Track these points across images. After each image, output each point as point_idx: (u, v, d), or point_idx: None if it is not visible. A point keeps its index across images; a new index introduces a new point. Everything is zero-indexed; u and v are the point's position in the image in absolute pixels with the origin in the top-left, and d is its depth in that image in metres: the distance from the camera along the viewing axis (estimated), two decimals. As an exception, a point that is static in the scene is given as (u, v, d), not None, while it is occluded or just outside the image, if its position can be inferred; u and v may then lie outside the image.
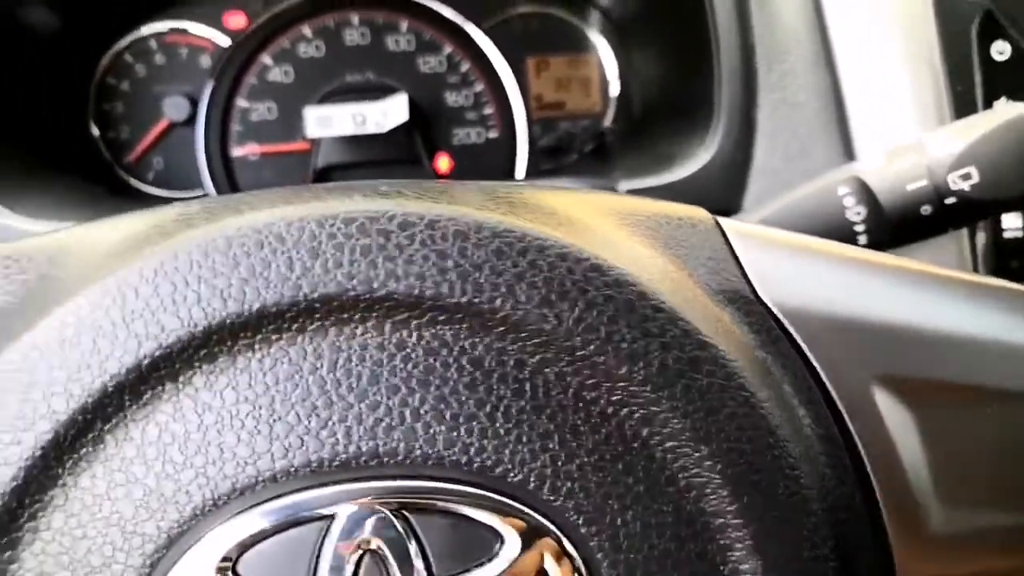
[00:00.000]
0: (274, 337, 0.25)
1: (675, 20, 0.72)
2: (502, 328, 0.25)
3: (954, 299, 0.31)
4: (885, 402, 0.29)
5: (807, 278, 0.30)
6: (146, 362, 0.24)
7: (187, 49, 0.77)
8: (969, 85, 0.61)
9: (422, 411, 0.25)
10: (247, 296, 0.24)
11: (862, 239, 0.50)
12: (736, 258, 0.30)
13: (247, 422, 0.24)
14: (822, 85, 0.64)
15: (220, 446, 0.24)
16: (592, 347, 0.25)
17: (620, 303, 0.25)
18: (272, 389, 0.25)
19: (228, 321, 0.24)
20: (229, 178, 0.76)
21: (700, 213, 0.31)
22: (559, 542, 0.25)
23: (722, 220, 0.32)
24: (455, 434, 0.25)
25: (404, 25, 0.79)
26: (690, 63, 0.70)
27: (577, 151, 0.80)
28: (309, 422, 0.24)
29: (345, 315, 0.25)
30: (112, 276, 0.25)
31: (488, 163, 0.79)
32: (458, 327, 0.25)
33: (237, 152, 0.77)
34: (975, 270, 0.61)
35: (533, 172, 0.80)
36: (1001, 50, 0.62)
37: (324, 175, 0.76)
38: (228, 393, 0.25)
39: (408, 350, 0.25)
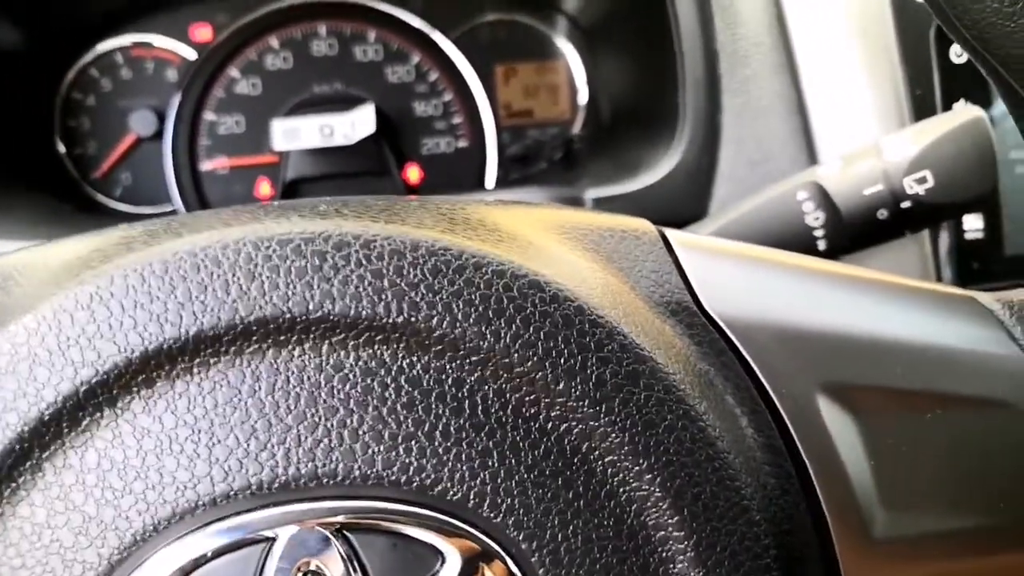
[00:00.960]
0: (212, 360, 0.25)
1: (640, 27, 0.73)
2: (439, 347, 0.25)
3: (895, 306, 0.32)
4: (829, 410, 0.29)
5: (752, 288, 0.31)
6: (83, 389, 0.24)
7: (153, 63, 0.77)
8: (929, 88, 0.62)
9: (361, 431, 0.25)
10: (184, 320, 0.24)
11: (821, 244, 0.51)
12: (681, 270, 0.30)
13: (186, 446, 0.24)
14: (785, 90, 0.64)
15: (160, 471, 0.24)
16: (530, 363, 0.25)
17: (557, 319, 0.25)
18: (211, 412, 0.25)
19: (165, 346, 0.24)
20: (198, 192, 0.76)
21: (645, 225, 0.31)
22: (500, 559, 0.25)
23: (668, 231, 0.32)
24: (394, 454, 0.25)
25: (372, 35, 0.79)
26: (655, 70, 0.71)
27: (546, 159, 0.80)
28: (248, 445, 0.24)
29: (282, 337, 0.25)
30: (48, 302, 0.25)
31: (458, 172, 0.79)
32: (395, 347, 0.25)
33: (206, 166, 0.77)
34: (938, 271, 0.61)
35: (503, 181, 0.80)
36: (959, 53, 0.62)
37: (293, 188, 0.76)
38: (167, 417, 0.25)
39: (346, 371, 0.25)
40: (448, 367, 0.25)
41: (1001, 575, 0.31)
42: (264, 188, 0.78)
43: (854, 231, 0.49)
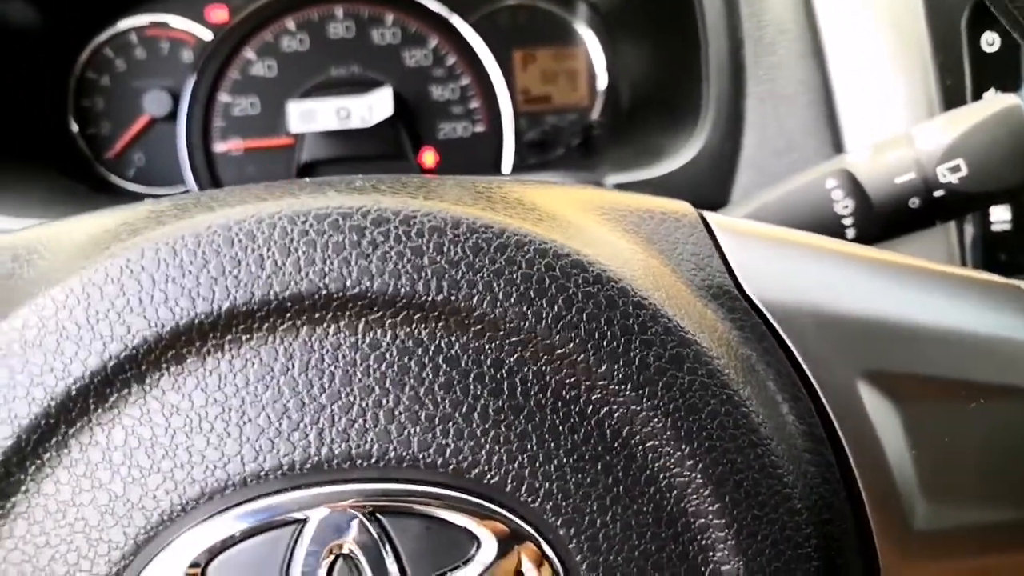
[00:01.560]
0: (244, 337, 0.24)
1: (662, 12, 0.71)
2: (479, 326, 0.24)
3: (940, 294, 0.31)
4: (870, 398, 0.28)
5: (793, 273, 0.30)
6: (111, 364, 0.23)
7: (168, 43, 0.76)
8: (959, 76, 0.61)
9: (396, 412, 0.24)
10: (216, 295, 0.24)
11: (850, 232, 0.50)
12: (721, 253, 0.29)
13: (216, 425, 0.24)
14: (811, 78, 0.63)
15: (188, 449, 0.24)
16: (571, 345, 0.24)
17: (600, 300, 0.25)
18: (242, 391, 0.24)
19: (197, 321, 0.24)
20: (211, 174, 0.75)
21: (685, 208, 0.31)
22: (537, 544, 0.24)
23: (707, 214, 0.31)
24: (430, 435, 0.24)
25: (389, 18, 0.78)
26: (678, 56, 0.70)
27: (564, 145, 0.80)
28: (280, 424, 0.24)
29: (318, 314, 0.24)
30: (77, 275, 0.24)
31: (474, 157, 0.78)
32: (434, 326, 0.24)
33: (220, 148, 0.76)
34: (964, 263, 0.60)
35: (520, 166, 0.79)
36: (991, 41, 0.61)
37: (308, 170, 0.75)
38: (197, 395, 0.24)
39: (382, 350, 0.24)
40: (488, 347, 0.24)
41: (1043, 570, 0.30)
42: (278, 171, 0.77)
43: (884, 220, 0.49)
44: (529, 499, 0.24)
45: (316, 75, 0.77)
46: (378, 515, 0.24)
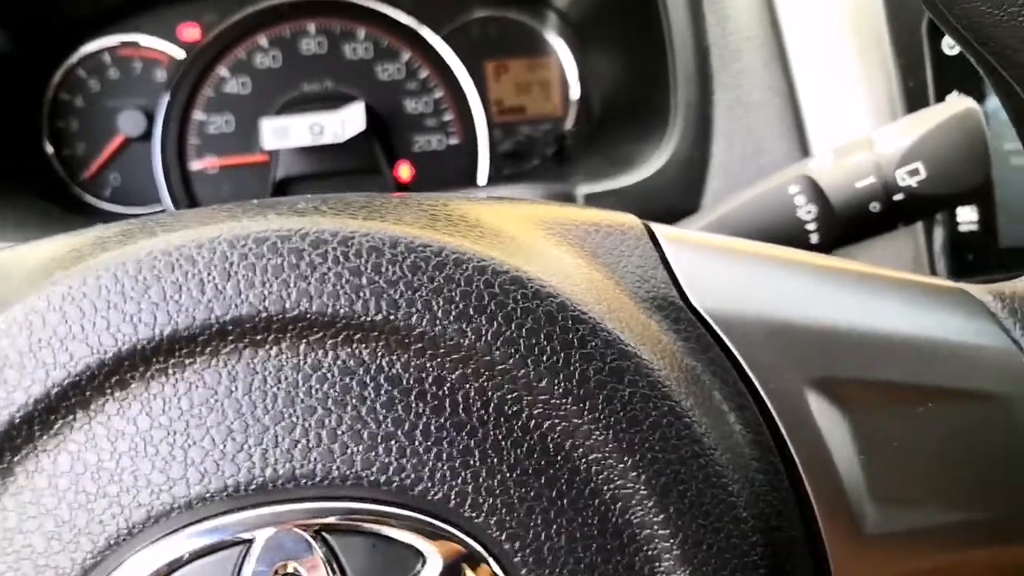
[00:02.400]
0: (187, 361, 0.24)
1: (630, 21, 0.72)
2: (419, 345, 0.24)
3: (886, 299, 0.31)
4: (818, 405, 0.29)
5: (739, 283, 0.30)
6: (55, 391, 0.24)
7: (141, 63, 0.77)
8: (921, 80, 0.61)
9: (339, 431, 0.24)
10: (158, 320, 0.24)
11: (814, 237, 0.50)
12: (667, 264, 0.29)
13: (161, 448, 0.24)
14: (776, 83, 0.64)
15: (134, 474, 0.24)
16: (512, 361, 0.24)
17: (540, 315, 0.25)
18: (187, 414, 0.24)
19: (139, 346, 0.24)
20: (188, 192, 0.76)
21: (631, 220, 0.31)
22: (483, 560, 0.24)
23: (655, 226, 0.31)
24: (373, 454, 0.24)
25: (361, 33, 0.79)
26: (646, 65, 0.70)
27: (539, 155, 0.80)
28: (225, 446, 0.24)
29: (259, 336, 0.24)
30: (20, 303, 0.24)
31: (450, 170, 0.79)
32: (374, 345, 0.24)
33: (195, 166, 0.77)
34: (932, 264, 0.61)
35: (495, 178, 0.79)
36: (951, 44, 0.62)
37: (283, 187, 0.75)
38: (142, 419, 0.24)
39: (324, 370, 0.24)
40: (428, 365, 0.24)
41: (993, 569, 0.31)
42: (254, 188, 0.77)
43: (847, 224, 0.49)
44: (473, 514, 0.24)
45: (289, 91, 0.78)
46: (324, 534, 0.24)
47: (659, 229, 0.31)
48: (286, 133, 0.72)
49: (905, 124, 0.49)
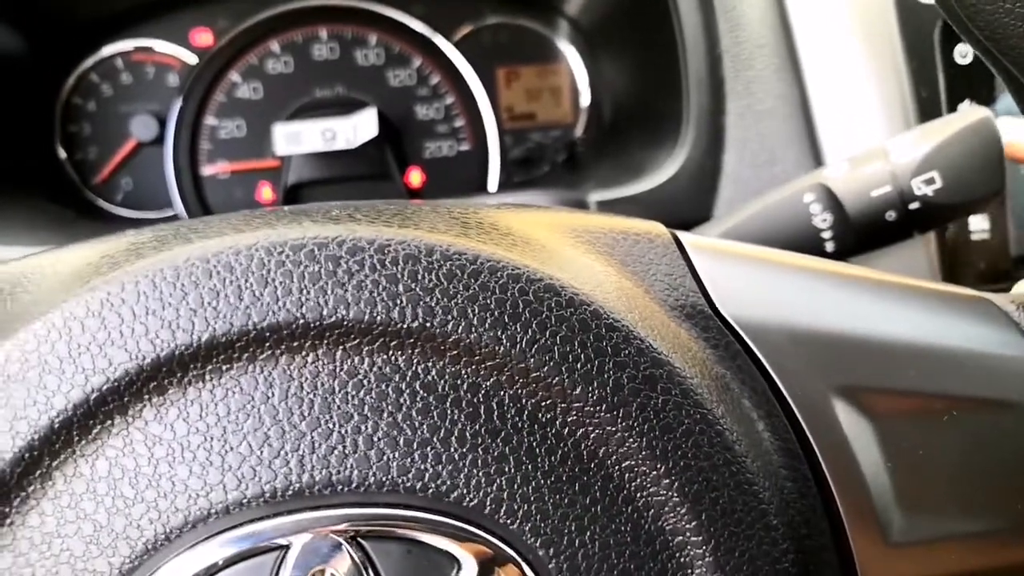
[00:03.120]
0: (224, 367, 0.24)
1: (642, 29, 0.72)
2: (455, 352, 0.25)
3: (910, 308, 0.31)
4: (845, 413, 0.29)
5: (766, 291, 0.30)
6: (94, 396, 0.24)
7: (154, 68, 0.77)
8: (933, 89, 0.62)
9: (375, 438, 0.24)
10: (196, 327, 0.24)
11: (829, 246, 0.50)
12: (694, 273, 0.30)
13: (198, 454, 0.24)
14: (789, 92, 0.64)
15: (171, 479, 0.24)
16: (546, 368, 0.25)
17: (574, 323, 0.25)
18: (223, 420, 0.24)
19: (177, 353, 0.24)
20: (199, 197, 0.76)
21: (658, 228, 0.31)
22: (517, 565, 0.25)
23: (681, 234, 0.31)
24: (409, 460, 0.24)
25: (373, 39, 0.79)
26: (658, 72, 0.70)
27: (549, 162, 0.80)
28: (262, 452, 0.24)
29: (296, 343, 0.24)
30: (58, 309, 0.24)
31: (460, 176, 0.79)
32: (410, 352, 0.25)
33: (207, 171, 0.77)
34: (944, 272, 0.61)
35: (505, 184, 0.80)
36: (963, 53, 0.62)
37: (295, 192, 0.76)
38: (179, 425, 0.24)
39: (360, 377, 0.25)
40: (463, 372, 0.25)
41: (1018, 575, 0.31)
42: (266, 192, 0.77)
43: (862, 233, 0.49)
44: (508, 521, 0.24)
45: (301, 97, 0.78)
46: (359, 540, 0.24)
47: (685, 237, 0.31)
48: (298, 138, 0.72)
49: (920, 133, 0.49)
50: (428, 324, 0.24)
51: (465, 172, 0.79)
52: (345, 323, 0.24)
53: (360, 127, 0.73)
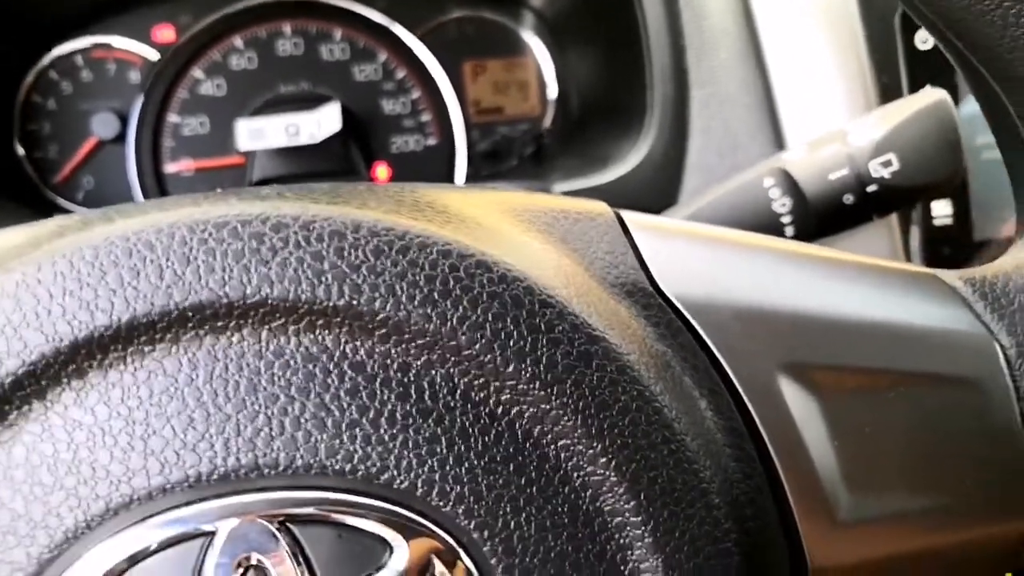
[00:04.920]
0: (146, 349, 0.24)
1: (606, 20, 0.72)
2: (384, 330, 0.24)
3: (858, 285, 0.31)
4: (790, 390, 0.29)
5: (710, 268, 0.30)
6: (9, 380, 0.23)
7: (115, 64, 0.76)
8: (895, 75, 0.62)
9: (303, 420, 0.24)
10: (115, 307, 0.23)
11: (789, 230, 0.50)
12: (636, 250, 0.29)
13: (120, 439, 0.23)
14: (752, 79, 0.64)
15: (92, 465, 0.23)
16: (478, 346, 0.24)
17: (506, 299, 0.24)
18: (146, 403, 0.24)
19: (96, 334, 0.23)
20: (162, 195, 0.75)
21: (600, 207, 0.31)
22: (451, 549, 0.24)
23: (624, 213, 0.31)
24: (337, 442, 0.24)
25: (338, 33, 0.78)
26: (622, 62, 0.70)
27: (517, 155, 0.80)
28: (185, 435, 0.24)
29: (220, 323, 0.24)
30: None
31: (427, 170, 0.78)
32: (338, 331, 0.24)
33: (170, 168, 0.76)
34: (907, 257, 0.61)
35: (473, 177, 0.79)
36: (924, 39, 0.62)
37: (260, 188, 0.75)
38: (100, 409, 0.24)
39: (286, 357, 0.24)
40: (393, 351, 0.24)
41: (968, 551, 0.30)
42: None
43: (821, 216, 0.49)
44: (441, 503, 0.24)
45: (265, 92, 0.77)
46: (288, 524, 0.23)
47: (629, 216, 0.31)
48: (262, 134, 0.72)
49: (877, 116, 0.49)
50: (355, 302, 0.24)
51: (432, 166, 0.79)
52: (269, 302, 0.24)
53: (324, 122, 0.72)
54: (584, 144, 0.75)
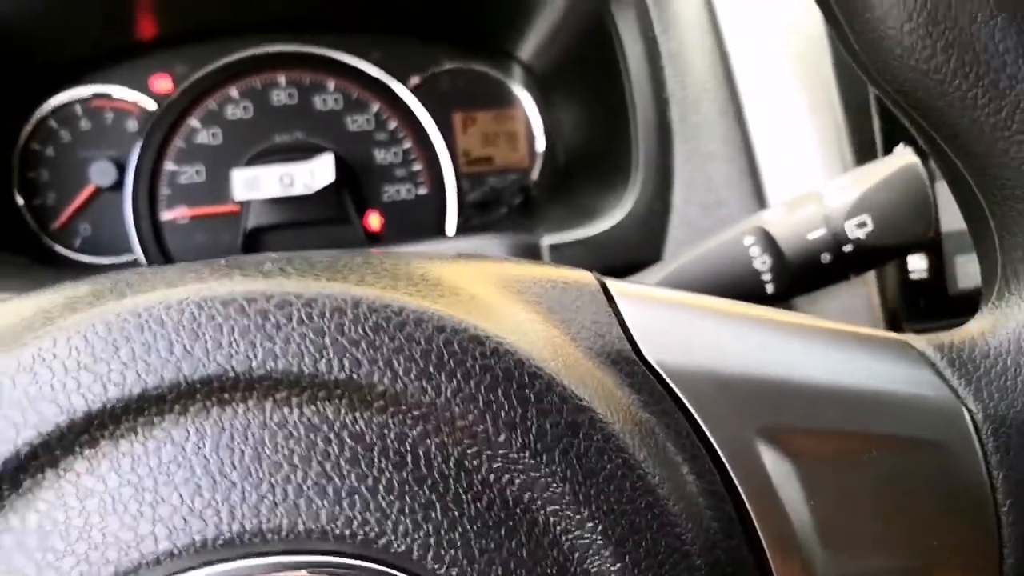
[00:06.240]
0: (156, 420, 0.25)
1: (593, 74, 0.74)
2: (381, 402, 0.25)
3: (832, 351, 0.33)
4: (768, 454, 0.30)
5: (690, 336, 0.31)
6: (25, 451, 0.24)
7: (113, 114, 0.77)
8: (869, 132, 0.64)
9: (304, 487, 0.25)
10: (127, 380, 0.25)
11: (769, 287, 0.52)
12: (620, 320, 0.31)
13: (130, 505, 0.25)
14: (733, 135, 0.66)
15: (103, 531, 0.24)
16: (471, 417, 0.25)
17: (498, 372, 0.26)
18: (155, 471, 0.25)
19: (109, 406, 0.25)
20: (158, 242, 0.76)
21: (586, 277, 0.32)
22: None
23: (609, 282, 0.33)
24: (337, 508, 0.25)
25: (331, 84, 0.80)
26: (608, 116, 0.72)
27: (506, 205, 0.82)
28: (193, 503, 0.25)
29: (226, 395, 0.25)
30: None
31: (419, 219, 0.80)
32: (338, 403, 0.25)
33: (166, 216, 0.77)
34: (886, 312, 0.63)
35: (463, 227, 0.81)
36: (898, 99, 0.64)
37: (254, 237, 0.76)
38: (111, 477, 0.25)
39: (289, 427, 0.25)
40: (390, 421, 0.25)
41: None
42: (225, 238, 0.78)
43: (799, 274, 0.51)
44: (436, 566, 0.25)
45: (260, 142, 0.79)
46: (290, 588, 0.25)
47: (614, 285, 0.32)
48: (256, 184, 0.73)
49: (852, 178, 0.51)
50: (354, 375, 0.25)
51: (423, 215, 0.80)
52: (273, 375, 0.25)
53: (318, 172, 0.74)
54: (571, 196, 0.77)
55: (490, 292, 0.30)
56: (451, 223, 0.80)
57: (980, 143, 0.33)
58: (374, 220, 0.80)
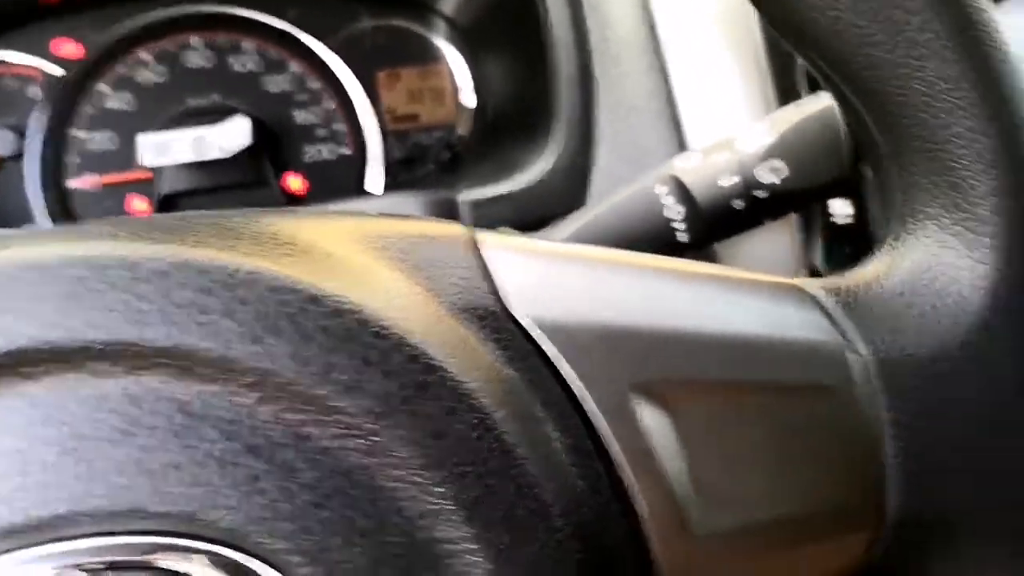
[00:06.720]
0: (-39, 397, 0.23)
1: (516, 27, 0.72)
2: (211, 369, 0.24)
3: (718, 298, 0.31)
4: (644, 408, 0.29)
5: (565, 289, 0.30)
6: None
7: (14, 80, 0.74)
8: (792, 81, 0.63)
9: (126, 463, 0.23)
10: None
11: (683, 236, 0.51)
12: (487, 273, 0.29)
13: None
14: (656, 87, 0.64)
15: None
16: (307, 382, 0.24)
17: (338, 333, 0.24)
18: (-37, 452, 0.23)
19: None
20: (65, 211, 0.73)
21: (456, 230, 0.31)
22: None
23: (481, 234, 0.31)
24: (161, 483, 0.23)
25: (248, 45, 0.77)
26: (532, 70, 0.70)
27: (432, 162, 0.80)
28: (2, 485, 0.23)
29: (41, 367, 0.23)
30: None
31: (342, 179, 0.78)
32: (163, 372, 0.24)
33: (75, 184, 0.74)
34: (808, 258, 0.62)
35: (391, 185, 0.79)
36: (821, 42, 0.63)
37: (170, 203, 0.73)
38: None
39: (111, 402, 0.23)
40: (221, 390, 0.24)
41: (825, 560, 0.31)
42: (137, 204, 0.75)
43: (713, 222, 0.50)
44: (268, 541, 0.24)
45: (175, 106, 0.76)
46: (110, 572, 0.23)
47: (488, 238, 0.31)
48: (167, 149, 0.70)
49: (768, 123, 0.50)
50: (179, 343, 0.23)
51: (347, 175, 0.78)
52: (94, 346, 0.23)
53: (232, 135, 0.71)
54: (497, 151, 0.75)
55: (349, 250, 0.28)
56: (377, 182, 0.78)
57: (877, 81, 0.32)
58: (295, 182, 0.77)
